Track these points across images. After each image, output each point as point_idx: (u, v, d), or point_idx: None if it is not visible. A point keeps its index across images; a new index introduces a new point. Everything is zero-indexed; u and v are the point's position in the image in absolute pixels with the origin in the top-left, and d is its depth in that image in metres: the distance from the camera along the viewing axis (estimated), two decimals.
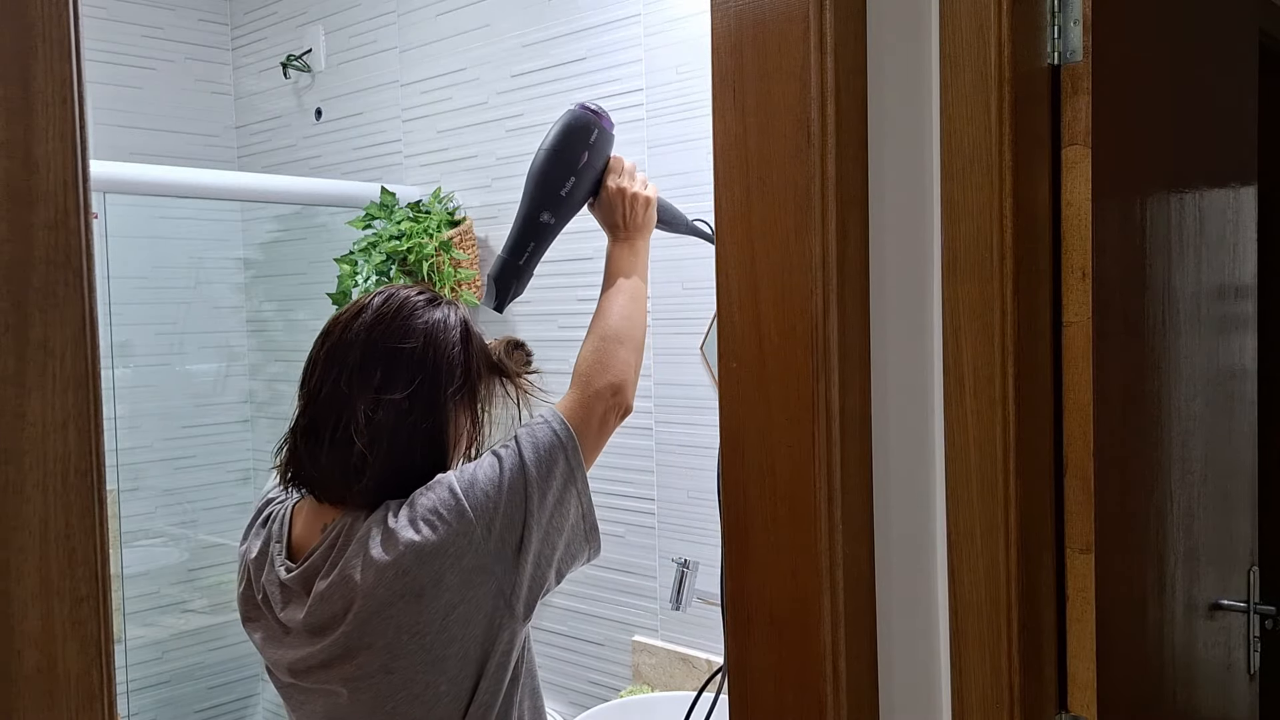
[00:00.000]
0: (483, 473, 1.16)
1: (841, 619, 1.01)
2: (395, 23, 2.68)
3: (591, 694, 2.32)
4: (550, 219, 1.24)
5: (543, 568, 1.18)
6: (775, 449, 1.03)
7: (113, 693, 0.58)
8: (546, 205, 1.26)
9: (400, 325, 1.18)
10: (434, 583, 1.12)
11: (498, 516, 1.15)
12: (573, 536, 1.21)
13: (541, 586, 1.19)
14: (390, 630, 1.13)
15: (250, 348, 3.12)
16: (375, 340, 1.18)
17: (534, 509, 1.16)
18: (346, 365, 1.17)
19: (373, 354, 1.17)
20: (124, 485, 2.68)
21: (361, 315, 1.20)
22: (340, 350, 1.18)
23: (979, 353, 0.98)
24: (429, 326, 1.19)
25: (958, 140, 0.98)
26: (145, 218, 2.83)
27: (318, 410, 1.18)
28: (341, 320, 1.21)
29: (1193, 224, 1.31)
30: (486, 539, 1.14)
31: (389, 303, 1.20)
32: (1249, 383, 1.53)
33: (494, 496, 1.15)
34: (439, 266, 2.35)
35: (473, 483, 1.15)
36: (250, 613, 1.26)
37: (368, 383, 1.16)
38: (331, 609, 1.15)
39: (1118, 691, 1.11)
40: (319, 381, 1.19)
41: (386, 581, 1.12)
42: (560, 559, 1.20)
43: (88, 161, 0.58)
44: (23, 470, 0.55)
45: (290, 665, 1.19)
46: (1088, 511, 1.04)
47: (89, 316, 0.57)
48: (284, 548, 1.23)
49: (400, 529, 1.13)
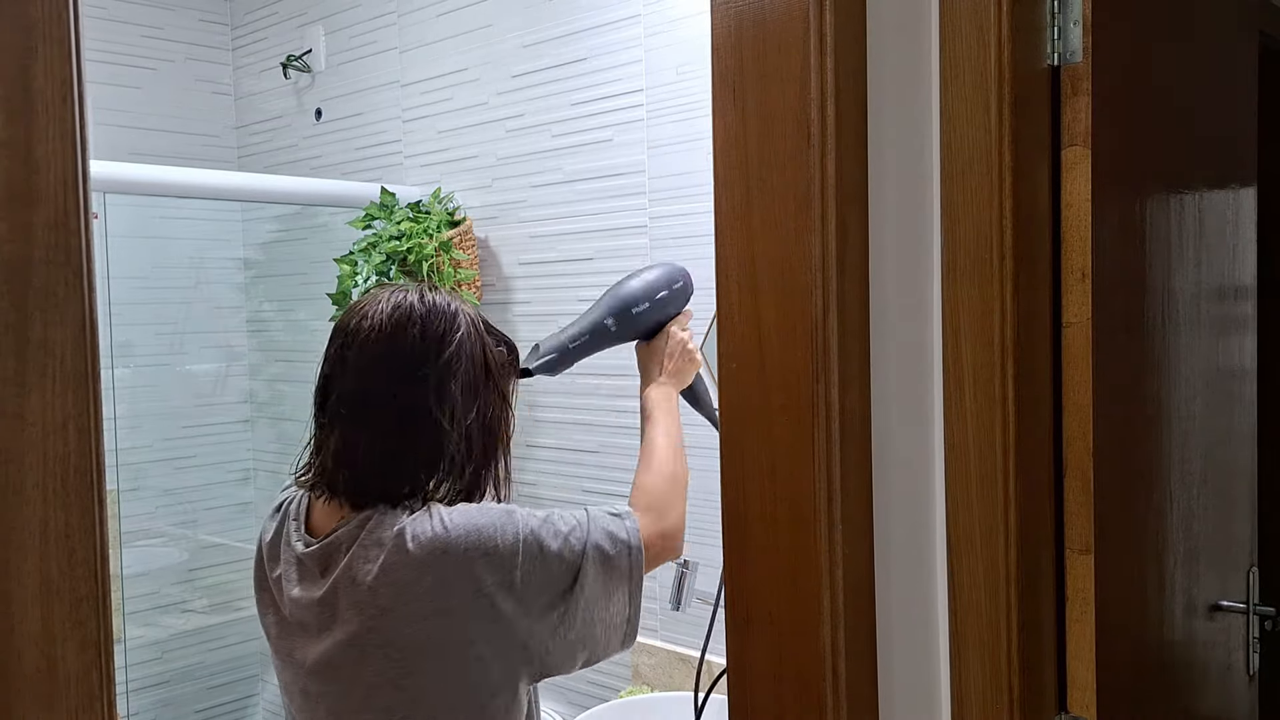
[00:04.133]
0: (546, 530, 1.18)
1: (841, 619, 1.01)
2: (395, 23, 2.68)
3: (591, 694, 2.32)
4: (613, 326, 1.38)
5: (575, 646, 1.19)
6: (775, 449, 1.03)
7: (113, 693, 0.58)
8: (616, 314, 1.40)
9: (411, 327, 1.18)
10: (461, 604, 1.13)
11: (544, 576, 1.16)
12: (611, 634, 1.23)
13: (567, 662, 1.20)
14: (409, 634, 1.13)
15: (250, 348, 3.12)
16: (384, 343, 1.18)
17: (583, 590, 1.18)
18: (359, 370, 1.17)
19: (384, 357, 1.17)
20: (124, 485, 2.68)
21: (371, 319, 1.19)
22: (352, 355, 1.18)
23: (979, 353, 0.98)
24: (445, 324, 1.20)
25: (958, 141, 0.98)
26: (145, 218, 2.83)
27: (329, 413, 1.19)
28: (349, 326, 1.20)
29: (1192, 224, 1.31)
30: (526, 589, 1.15)
31: (397, 308, 1.20)
32: (1249, 383, 1.53)
33: (547, 557, 1.16)
34: (439, 267, 2.35)
35: (534, 532, 1.17)
36: (261, 597, 1.27)
37: (380, 385, 1.17)
38: (350, 597, 1.15)
39: (1117, 692, 1.11)
40: (334, 388, 1.19)
41: (414, 581, 1.12)
42: (593, 650, 1.22)
43: (88, 161, 0.58)
44: (23, 470, 0.55)
45: (305, 661, 1.19)
46: (1087, 512, 1.04)
47: (89, 316, 0.57)
48: (301, 525, 1.23)
49: (441, 535, 1.14)
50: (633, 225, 2.18)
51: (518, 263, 2.43)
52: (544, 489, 2.40)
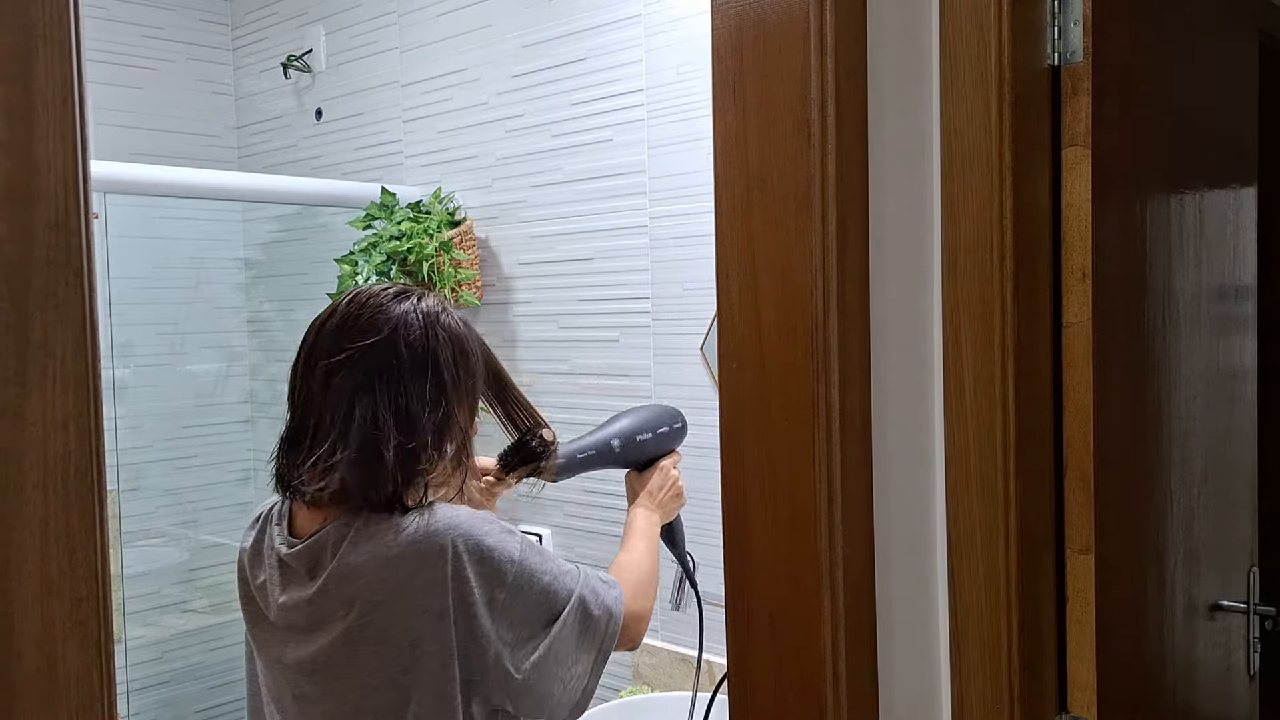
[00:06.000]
0: (540, 564, 1.19)
1: (841, 619, 1.01)
2: (396, 23, 2.68)
3: None
4: (618, 448, 1.52)
5: (529, 689, 1.18)
6: (775, 449, 1.03)
7: (113, 693, 0.58)
8: (622, 438, 1.54)
9: (365, 323, 1.17)
10: (452, 603, 1.13)
11: (524, 608, 1.17)
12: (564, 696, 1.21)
13: (517, 699, 1.18)
14: (403, 629, 1.13)
15: (251, 348, 3.12)
16: (340, 341, 1.17)
17: (559, 632, 1.19)
18: (318, 369, 1.17)
19: (338, 354, 1.16)
20: (124, 485, 2.68)
21: (331, 318, 1.19)
22: (313, 354, 1.18)
23: (979, 353, 0.98)
24: (393, 320, 1.18)
25: (958, 141, 0.98)
26: (146, 218, 2.82)
27: (298, 417, 1.19)
28: (314, 324, 1.21)
29: (1193, 224, 1.31)
30: (504, 614, 1.16)
31: (353, 302, 1.20)
32: (1249, 383, 1.53)
33: (534, 590, 1.17)
34: (439, 267, 2.35)
35: (529, 560, 1.18)
36: (247, 607, 1.26)
37: (336, 384, 1.16)
38: (342, 593, 1.14)
39: (1118, 692, 1.11)
40: (296, 388, 1.20)
41: (410, 575, 1.12)
42: (542, 702, 1.20)
43: (88, 161, 0.58)
44: (23, 470, 0.55)
45: (299, 663, 1.19)
46: (1088, 512, 1.04)
47: (89, 316, 0.57)
48: (285, 530, 1.22)
49: (437, 531, 1.14)
50: (633, 225, 2.18)
51: (518, 263, 2.43)
52: (544, 489, 2.40)
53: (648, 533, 1.48)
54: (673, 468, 1.57)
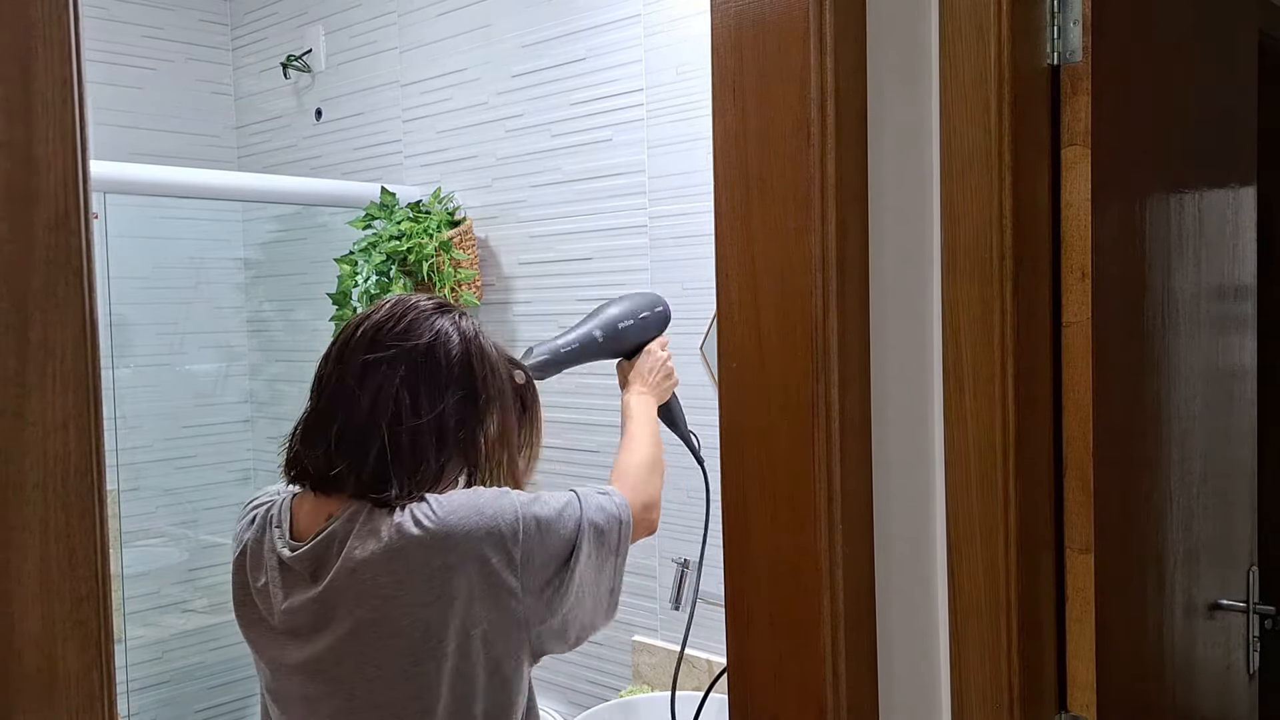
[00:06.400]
0: (541, 508, 1.21)
1: (841, 619, 1.01)
2: (395, 23, 2.68)
3: (591, 694, 2.32)
4: (600, 338, 1.55)
5: (568, 621, 1.22)
6: (775, 449, 1.03)
7: (113, 693, 0.58)
8: (604, 327, 1.56)
9: (408, 325, 1.22)
10: (468, 584, 1.14)
11: (543, 553, 1.19)
12: (597, 606, 1.26)
13: (558, 640, 1.23)
14: (415, 620, 1.13)
15: (250, 348, 3.12)
16: (382, 338, 1.21)
17: (578, 563, 1.21)
18: (355, 361, 1.20)
19: (379, 349, 1.20)
20: (124, 485, 2.68)
21: (374, 314, 1.24)
22: (352, 348, 1.22)
23: (979, 353, 0.98)
24: (434, 330, 1.23)
25: (957, 140, 0.98)
26: (145, 218, 2.82)
27: (324, 404, 1.21)
28: (354, 320, 1.26)
29: (1192, 224, 1.31)
30: (526, 568, 1.17)
31: (398, 304, 1.25)
32: (1249, 383, 1.53)
33: (545, 533, 1.19)
34: (439, 267, 2.35)
35: (530, 509, 1.20)
36: (244, 610, 1.26)
37: (373, 377, 1.19)
38: (350, 588, 1.15)
39: (1117, 692, 1.11)
40: (328, 377, 1.22)
41: (421, 565, 1.13)
42: (583, 623, 1.25)
43: (88, 162, 0.58)
44: (23, 470, 0.55)
45: (302, 663, 1.19)
46: (1087, 512, 1.04)
47: (89, 316, 0.57)
48: (286, 531, 1.23)
49: (443, 518, 1.15)
50: (632, 225, 2.18)
51: (518, 263, 2.44)
52: (544, 489, 2.40)
53: (644, 416, 1.52)
54: (660, 349, 1.60)
